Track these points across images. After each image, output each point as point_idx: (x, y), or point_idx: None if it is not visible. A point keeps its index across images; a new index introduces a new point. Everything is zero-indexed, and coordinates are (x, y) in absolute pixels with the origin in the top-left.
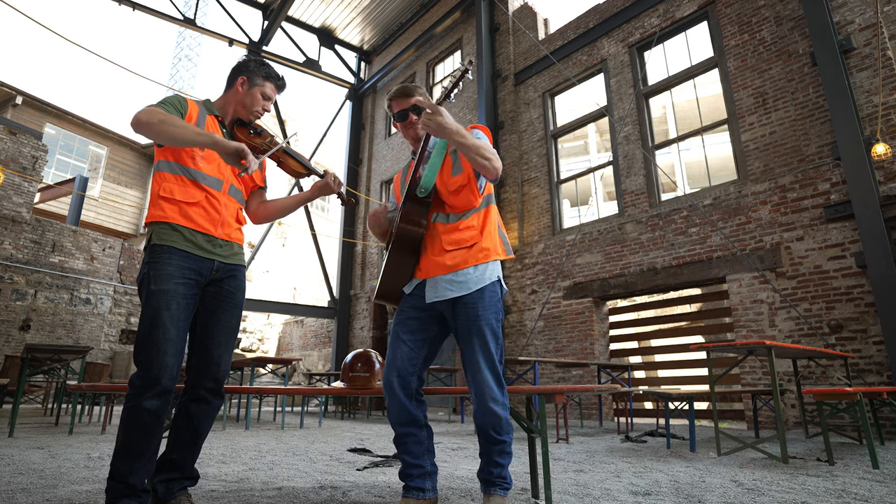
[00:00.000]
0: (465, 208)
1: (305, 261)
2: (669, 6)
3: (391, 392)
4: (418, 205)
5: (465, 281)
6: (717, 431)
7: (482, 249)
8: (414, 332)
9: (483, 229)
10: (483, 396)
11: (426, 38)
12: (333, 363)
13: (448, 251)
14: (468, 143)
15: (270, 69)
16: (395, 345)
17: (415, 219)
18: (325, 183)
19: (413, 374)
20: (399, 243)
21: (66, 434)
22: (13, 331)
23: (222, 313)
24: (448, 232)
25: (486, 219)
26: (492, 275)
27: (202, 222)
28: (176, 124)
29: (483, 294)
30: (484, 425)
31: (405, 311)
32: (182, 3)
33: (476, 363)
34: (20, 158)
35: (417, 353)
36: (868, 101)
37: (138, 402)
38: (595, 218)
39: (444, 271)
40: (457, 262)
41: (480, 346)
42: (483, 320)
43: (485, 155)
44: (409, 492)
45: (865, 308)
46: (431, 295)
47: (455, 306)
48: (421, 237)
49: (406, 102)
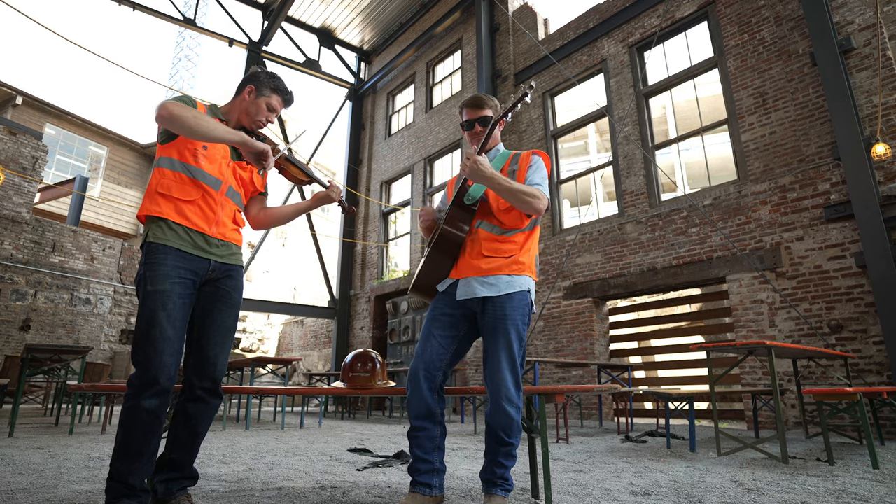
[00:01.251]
0: (512, 227)
1: (305, 261)
2: (669, 6)
3: (415, 383)
4: (464, 211)
5: (497, 284)
6: (717, 431)
7: (518, 262)
8: (445, 328)
9: (523, 247)
10: (498, 395)
11: (426, 39)
12: (333, 363)
13: (486, 257)
14: (503, 187)
15: (280, 82)
16: (426, 339)
17: (458, 223)
18: (325, 194)
19: (440, 369)
20: (440, 243)
21: (66, 434)
22: (13, 331)
23: (219, 313)
24: (490, 241)
25: (528, 240)
26: (523, 284)
27: (197, 220)
28: (208, 120)
29: (513, 297)
30: (495, 425)
31: (438, 308)
32: (182, 3)
33: (497, 361)
34: (20, 158)
35: (447, 349)
36: (868, 101)
37: (137, 402)
38: (595, 218)
39: (477, 273)
40: (491, 267)
41: (504, 344)
42: (510, 320)
43: (523, 199)
44: (415, 487)
45: (865, 308)
46: (462, 293)
47: (485, 305)
48: (461, 241)
49: (476, 113)
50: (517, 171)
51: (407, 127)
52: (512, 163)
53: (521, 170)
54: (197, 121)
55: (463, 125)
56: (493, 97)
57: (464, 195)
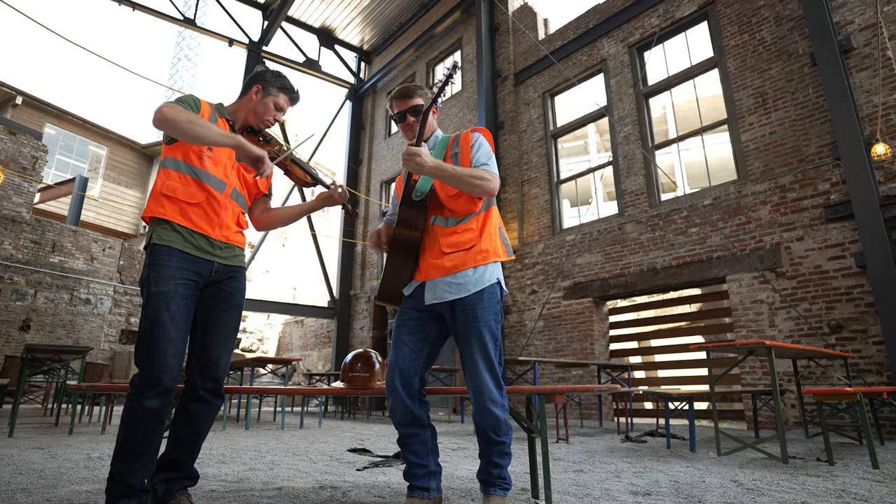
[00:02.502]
0: (464, 213)
1: (305, 261)
2: (669, 6)
3: (394, 393)
4: (415, 209)
5: (465, 283)
6: (717, 431)
7: (481, 251)
8: (414, 332)
9: (482, 231)
10: (482, 397)
11: (426, 39)
12: (333, 363)
13: (447, 253)
14: (448, 174)
15: (286, 81)
16: (397, 346)
17: (412, 223)
18: (328, 195)
19: (415, 375)
20: (397, 247)
21: (66, 434)
22: (13, 331)
23: (221, 314)
24: (447, 235)
25: (485, 221)
26: (491, 276)
27: (200, 223)
28: (202, 123)
29: (482, 296)
30: (483, 426)
31: (406, 313)
32: (182, 3)
33: (475, 365)
34: (20, 158)
35: (419, 353)
36: (868, 101)
37: (139, 402)
38: (595, 218)
39: (442, 273)
40: (455, 263)
41: (479, 347)
42: (482, 322)
43: (471, 182)
44: (413, 491)
45: (865, 308)
46: (430, 297)
47: (454, 308)
48: (418, 241)
49: (405, 104)
50: (459, 154)
51: None
52: (453, 146)
53: (463, 151)
54: (190, 124)
55: (394, 118)
56: (421, 86)
57: (412, 192)
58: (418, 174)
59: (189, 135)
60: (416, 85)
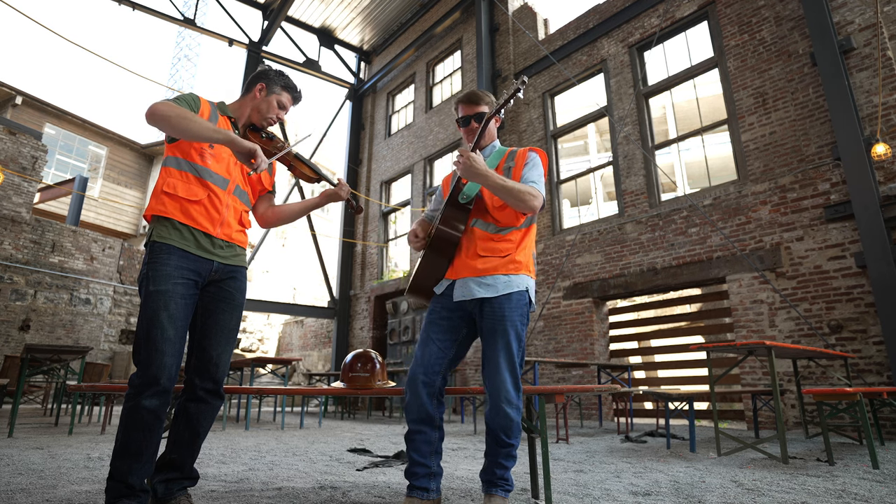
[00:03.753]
0: (507, 224)
1: (305, 261)
2: (669, 6)
3: (414, 387)
4: (459, 210)
5: (494, 284)
6: (717, 431)
7: (514, 261)
8: (445, 332)
9: (520, 245)
10: (498, 396)
11: (426, 38)
12: (333, 363)
13: (482, 256)
14: (497, 185)
15: (289, 80)
16: (426, 343)
17: (454, 223)
18: (334, 192)
19: (439, 374)
20: (436, 243)
21: (66, 434)
22: (13, 331)
23: (221, 314)
24: (486, 240)
25: (524, 237)
26: (521, 284)
27: (202, 221)
28: (193, 119)
29: (511, 297)
30: (494, 427)
31: (436, 312)
32: (182, 3)
33: (496, 363)
34: (20, 158)
35: (446, 353)
36: (868, 101)
37: (137, 402)
38: (595, 218)
39: (474, 274)
40: (487, 267)
41: (503, 346)
42: (508, 321)
43: (518, 196)
44: (412, 491)
45: (865, 308)
46: (460, 294)
47: (483, 306)
48: (458, 240)
49: (471, 109)
50: (513, 168)
51: (407, 127)
52: (508, 160)
53: (517, 167)
54: (179, 119)
55: (458, 121)
56: (489, 93)
57: (458, 193)
58: (468, 178)
59: (178, 130)
60: (483, 92)
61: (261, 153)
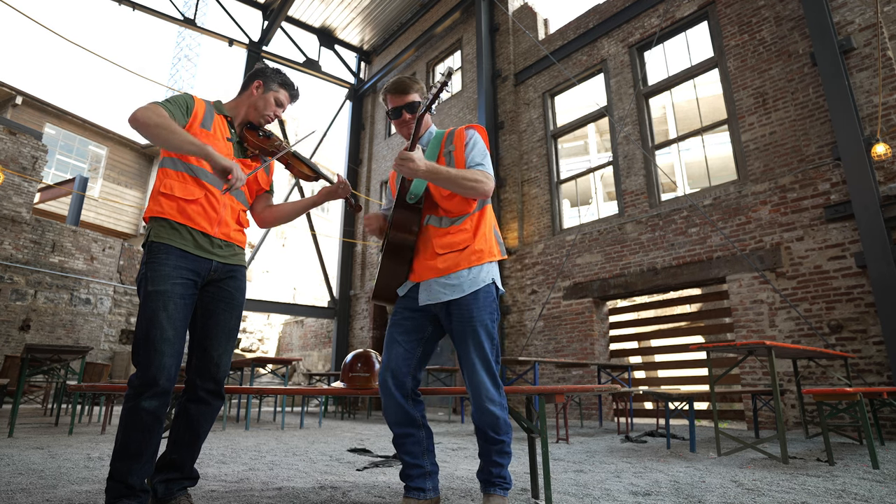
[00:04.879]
0: (459, 213)
1: (305, 261)
2: (669, 6)
3: (387, 392)
4: (409, 211)
5: (459, 284)
6: (717, 431)
7: (475, 252)
8: (409, 332)
9: (476, 231)
10: (480, 397)
11: (426, 38)
12: (333, 363)
13: (440, 255)
14: (443, 177)
15: (286, 78)
16: (391, 345)
17: (406, 226)
18: (333, 189)
19: (408, 375)
20: (391, 250)
21: (66, 434)
22: (13, 331)
23: (221, 314)
24: (440, 236)
25: (479, 221)
26: (486, 277)
27: (199, 220)
28: (170, 129)
29: (477, 296)
30: (482, 425)
31: (399, 313)
32: (182, 3)
33: (472, 364)
34: (20, 158)
35: (412, 353)
36: (868, 101)
37: (137, 403)
38: (595, 218)
39: (436, 274)
40: (448, 265)
41: (475, 346)
42: (477, 321)
43: (466, 185)
44: (409, 492)
45: (865, 308)
46: (425, 298)
47: (449, 308)
48: (412, 244)
49: (401, 100)
50: (454, 152)
51: None
52: (447, 143)
53: (457, 149)
54: (158, 129)
55: (388, 113)
56: (417, 80)
57: (406, 194)
58: (411, 177)
59: (156, 139)
60: (411, 79)
61: (238, 171)
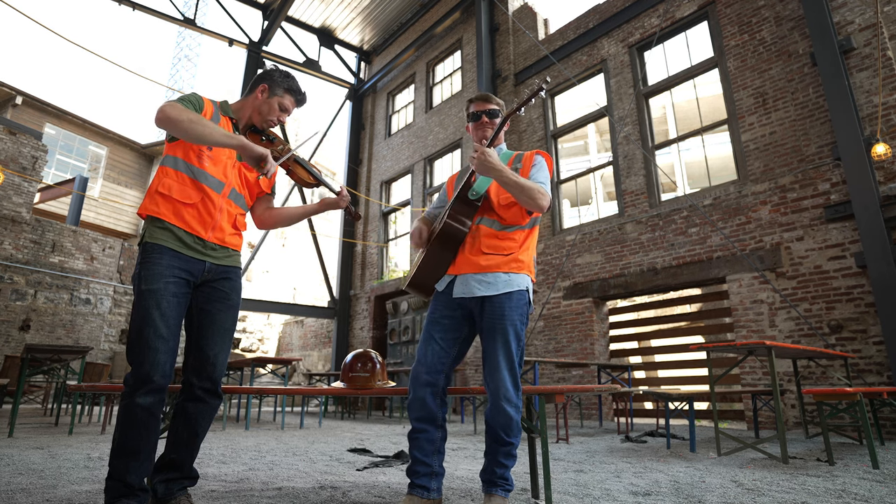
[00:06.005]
0: (512, 223)
1: (305, 261)
2: (669, 6)
3: (417, 386)
4: (467, 206)
5: (495, 282)
6: (717, 431)
7: (517, 260)
8: (446, 331)
9: (523, 244)
10: (497, 395)
11: (426, 38)
12: (333, 363)
13: (485, 253)
14: (510, 181)
15: (294, 83)
16: (428, 342)
17: (461, 218)
18: (334, 201)
19: (441, 373)
20: (442, 238)
21: (66, 434)
22: (13, 331)
23: (217, 314)
24: (490, 237)
25: (527, 238)
26: (521, 283)
27: (193, 224)
28: (205, 124)
29: (511, 296)
30: (494, 425)
31: (438, 311)
32: (182, 3)
33: (496, 361)
34: (20, 158)
35: (448, 352)
36: (868, 101)
37: (132, 400)
38: (595, 218)
39: (476, 270)
40: (490, 264)
41: (502, 344)
42: (508, 320)
43: (529, 194)
44: (413, 489)
45: (865, 308)
46: (460, 290)
47: (483, 304)
48: (463, 236)
49: (483, 105)
50: (520, 170)
51: (407, 127)
52: (515, 162)
53: (524, 168)
54: (192, 124)
55: (469, 117)
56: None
57: (468, 190)
58: (483, 172)
59: (191, 135)
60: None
61: (271, 158)
